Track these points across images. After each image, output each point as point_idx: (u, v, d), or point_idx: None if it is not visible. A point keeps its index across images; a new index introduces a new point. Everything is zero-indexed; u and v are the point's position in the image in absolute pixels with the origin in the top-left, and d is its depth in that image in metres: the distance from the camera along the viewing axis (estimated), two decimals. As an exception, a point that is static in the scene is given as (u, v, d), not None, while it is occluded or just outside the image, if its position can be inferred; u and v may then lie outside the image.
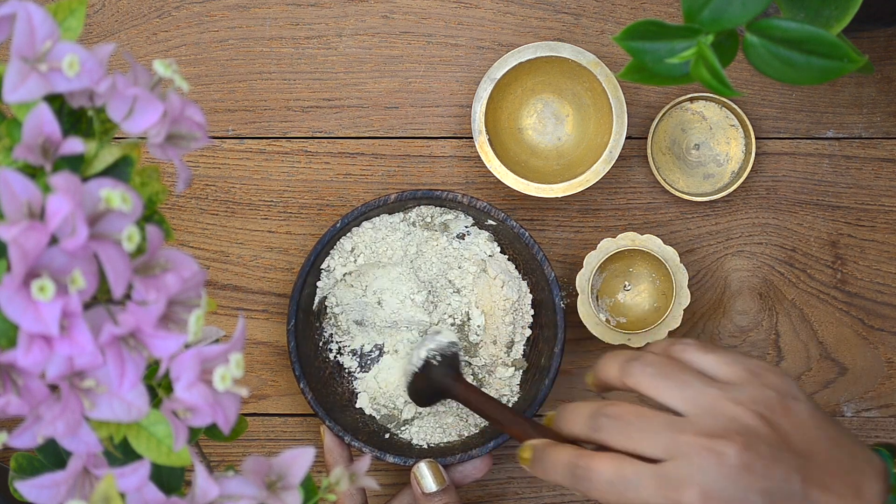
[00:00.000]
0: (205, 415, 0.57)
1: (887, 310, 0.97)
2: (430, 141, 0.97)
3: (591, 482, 0.72)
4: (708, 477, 0.69)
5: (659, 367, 0.74)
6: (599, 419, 0.73)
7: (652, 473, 0.71)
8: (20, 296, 0.52)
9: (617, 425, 0.73)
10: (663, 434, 0.71)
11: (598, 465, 0.72)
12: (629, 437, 0.72)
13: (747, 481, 0.70)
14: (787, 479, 0.70)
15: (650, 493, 0.70)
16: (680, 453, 0.70)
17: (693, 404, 0.72)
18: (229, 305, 0.97)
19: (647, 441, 0.71)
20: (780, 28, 0.67)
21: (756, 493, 0.70)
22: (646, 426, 0.72)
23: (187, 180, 0.60)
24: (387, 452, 0.91)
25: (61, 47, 0.56)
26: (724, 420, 0.71)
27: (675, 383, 0.73)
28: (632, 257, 0.95)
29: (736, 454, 0.70)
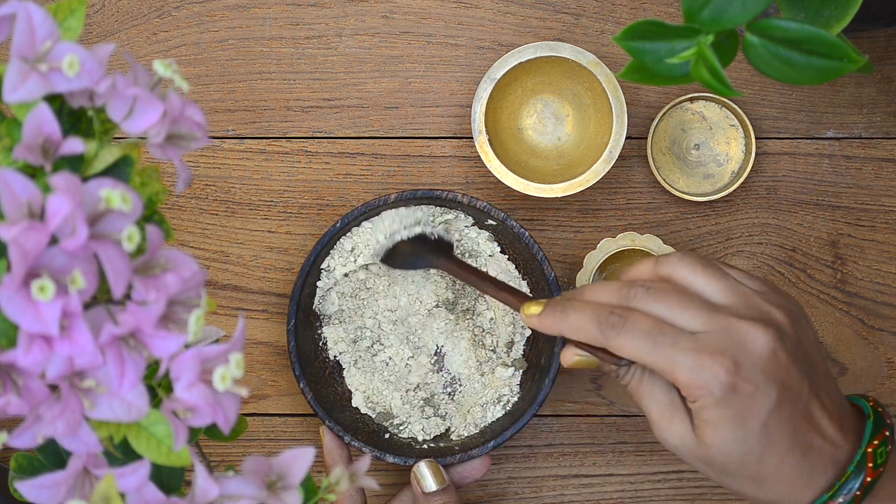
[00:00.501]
0: (205, 415, 0.57)
1: (887, 310, 0.97)
2: (430, 141, 0.97)
3: (625, 329, 0.73)
4: (741, 352, 0.72)
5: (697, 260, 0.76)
6: (635, 289, 0.75)
7: (690, 336, 0.72)
8: (20, 296, 0.52)
9: (655, 295, 0.74)
10: (702, 310, 0.73)
11: (636, 315, 0.73)
12: (668, 307, 0.73)
13: (772, 368, 0.72)
14: (801, 381, 0.74)
15: (684, 353, 0.72)
16: (717, 328, 0.73)
17: (730, 294, 0.74)
18: (229, 305, 0.97)
19: (686, 313, 0.73)
20: (780, 28, 0.67)
21: (775, 382, 0.72)
22: (685, 301, 0.74)
23: (187, 180, 0.60)
24: (387, 452, 0.91)
25: (61, 47, 0.56)
26: (758, 311, 0.74)
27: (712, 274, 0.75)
28: (632, 257, 0.95)
29: (769, 340, 0.72)
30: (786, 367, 0.73)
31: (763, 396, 0.72)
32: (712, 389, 0.72)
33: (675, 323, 0.73)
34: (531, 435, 0.97)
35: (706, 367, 0.72)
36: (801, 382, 0.73)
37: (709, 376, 0.72)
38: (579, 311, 0.75)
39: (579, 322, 0.75)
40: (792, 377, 0.73)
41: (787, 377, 0.73)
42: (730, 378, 0.72)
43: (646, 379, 0.76)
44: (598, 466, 0.97)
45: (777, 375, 0.73)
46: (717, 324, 0.73)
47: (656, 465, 0.97)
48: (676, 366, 0.72)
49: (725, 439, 0.73)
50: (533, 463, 0.97)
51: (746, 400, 0.72)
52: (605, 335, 0.74)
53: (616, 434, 0.97)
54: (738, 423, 0.72)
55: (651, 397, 0.76)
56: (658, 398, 0.75)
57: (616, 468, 0.97)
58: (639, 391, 0.76)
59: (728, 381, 0.72)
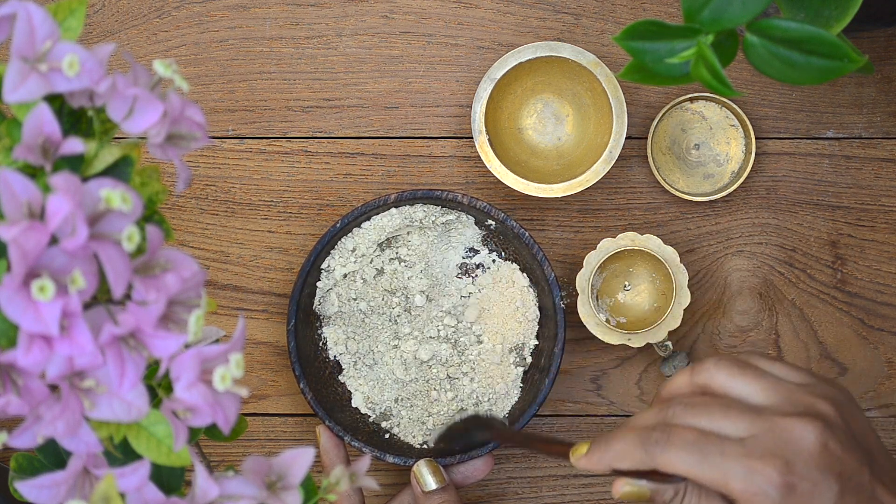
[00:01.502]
0: (205, 415, 0.57)
1: (887, 310, 0.97)
2: (430, 141, 0.97)
3: (671, 445, 0.71)
4: (791, 450, 0.70)
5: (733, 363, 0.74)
6: (674, 408, 0.73)
7: (737, 444, 0.70)
8: (20, 296, 0.52)
9: (694, 410, 0.72)
10: (745, 414, 0.71)
11: (680, 430, 0.71)
12: (710, 418, 0.71)
13: (826, 461, 0.70)
14: (860, 469, 0.71)
15: (733, 462, 0.70)
16: (763, 430, 0.70)
17: (771, 394, 0.72)
18: (229, 305, 0.97)
19: (729, 420, 0.71)
20: (780, 28, 0.67)
21: (833, 475, 0.70)
22: (726, 409, 0.72)
23: (187, 180, 0.60)
24: (386, 452, 0.91)
25: (61, 47, 0.56)
26: (802, 406, 0.72)
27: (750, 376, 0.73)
28: (632, 257, 0.95)
29: (817, 433, 0.70)
30: (840, 458, 0.70)
31: (823, 492, 0.70)
32: (770, 494, 0.69)
33: (720, 432, 0.71)
34: (531, 435, 0.97)
35: (758, 472, 0.69)
36: (859, 470, 0.71)
37: (762, 481, 0.69)
38: (622, 438, 0.73)
39: (624, 448, 0.73)
40: (848, 467, 0.71)
41: (844, 468, 0.70)
42: (784, 479, 0.69)
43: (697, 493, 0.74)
44: (598, 466, 0.97)
45: (833, 468, 0.70)
46: (762, 426, 0.70)
47: (656, 465, 0.97)
48: (728, 474, 0.70)
49: None
50: (533, 463, 0.97)
51: (807, 498, 0.70)
52: (650, 455, 0.72)
53: (616, 434, 0.97)
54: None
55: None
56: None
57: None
58: None
59: (783, 482, 0.69)
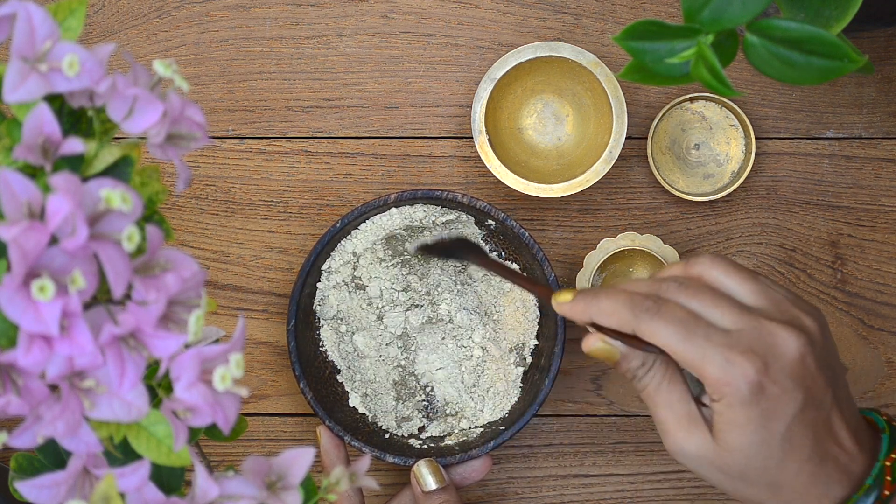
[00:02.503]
0: (205, 415, 0.57)
1: (887, 310, 0.97)
2: (430, 141, 0.97)
3: (660, 315, 0.72)
4: (772, 353, 0.72)
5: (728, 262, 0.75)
6: (667, 283, 0.74)
7: (722, 331, 0.72)
8: (20, 296, 0.52)
9: (688, 291, 0.73)
10: (734, 309, 0.73)
11: (671, 305, 0.72)
12: (701, 303, 0.73)
13: (800, 373, 0.72)
14: (825, 390, 0.73)
15: (715, 347, 0.71)
16: (749, 328, 0.72)
17: (762, 297, 0.74)
18: (229, 305, 0.97)
19: (718, 310, 0.72)
20: (780, 28, 0.67)
21: (802, 387, 0.72)
22: (717, 298, 0.73)
23: (187, 180, 0.60)
24: (386, 452, 0.91)
25: (61, 47, 0.56)
26: (789, 316, 0.73)
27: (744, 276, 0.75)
28: (632, 257, 0.95)
29: (800, 344, 0.72)
30: (812, 374, 0.72)
31: (789, 400, 0.72)
32: (740, 387, 0.71)
33: (708, 318, 0.73)
34: (531, 435, 0.97)
35: (736, 364, 0.71)
36: (825, 391, 0.73)
37: (738, 373, 0.71)
38: (612, 297, 0.74)
39: (612, 306, 0.74)
40: (817, 384, 0.72)
41: (813, 384, 0.72)
42: (758, 377, 0.71)
43: (664, 386, 0.75)
44: (598, 466, 0.97)
45: (804, 380, 0.72)
46: (749, 323, 0.72)
47: (656, 465, 0.97)
48: (706, 359, 0.71)
49: (749, 441, 0.72)
50: (533, 463, 0.97)
51: (772, 402, 0.71)
52: (637, 319, 0.73)
53: (616, 434, 0.97)
54: (763, 424, 0.72)
55: (668, 405, 0.74)
56: (676, 407, 0.74)
57: (616, 468, 0.97)
58: (656, 398, 0.75)
59: (756, 381, 0.71)
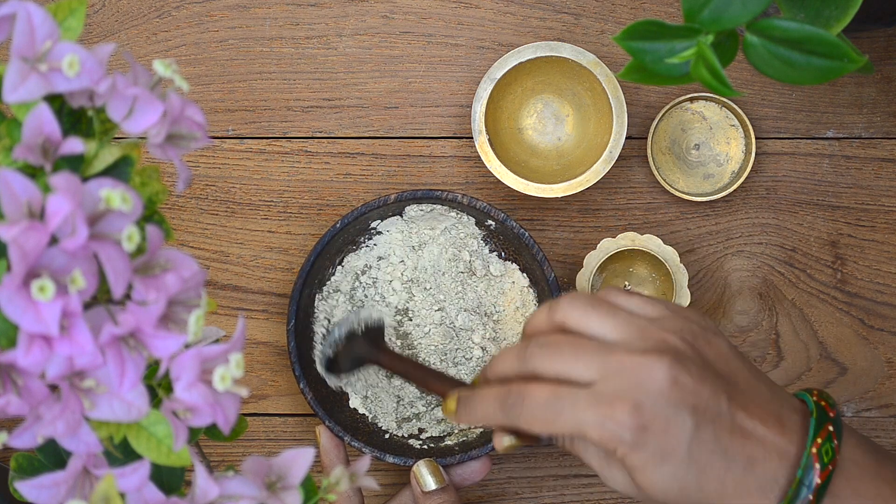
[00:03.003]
0: (205, 415, 0.57)
1: (887, 310, 0.97)
2: (430, 141, 0.97)
3: (525, 407, 0.73)
4: (639, 391, 0.71)
5: (587, 301, 0.75)
6: (530, 349, 0.74)
7: (587, 393, 0.72)
8: (20, 296, 0.52)
9: (548, 352, 0.74)
10: (595, 355, 0.73)
11: (531, 391, 0.73)
12: (562, 361, 0.73)
13: (677, 396, 0.71)
14: (715, 398, 0.72)
15: (585, 412, 0.71)
16: (612, 372, 0.72)
17: (622, 331, 0.74)
18: (229, 305, 0.97)
19: (580, 363, 0.73)
20: (780, 28, 0.67)
21: (686, 408, 0.71)
22: (577, 349, 0.73)
23: (187, 180, 0.60)
24: (386, 452, 0.91)
25: (61, 47, 0.56)
26: (653, 342, 0.73)
27: (603, 313, 0.74)
28: (632, 257, 0.95)
29: (666, 368, 0.71)
30: (693, 391, 0.71)
31: (677, 426, 0.71)
32: (623, 437, 0.71)
33: (572, 377, 0.73)
34: (531, 435, 0.97)
35: (609, 418, 0.71)
36: (716, 399, 0.72)
37: (614, 426, 0.71)
38: (482, 401, 0.75)
39: (486, 412, 0.75)
40: (703, 398, 0.72)
41: (698, 399, 0.71)
42: (635, 420, 0.71)
43: (577, 440, 0.75)
44: (598, 466, 0.97)
45: (685, 401, 0.71)
46: (611, 366, 0.72)
47: (656, 465, 0.97)
48: (582, 425, 0.71)
49: (657, 479, 0.72)
50: (533, 463, 0.97)
51: (661, 436, 0.71)
52: (510, 419, 0.74)
53: (616, 434, 0.97)
54: (662, 459, 0.71)
55: (586, 453, 0.75)
56: (591, 453, 0.75)
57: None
58: (574, 451, 0.76)
59: (635, 424, 0.71)
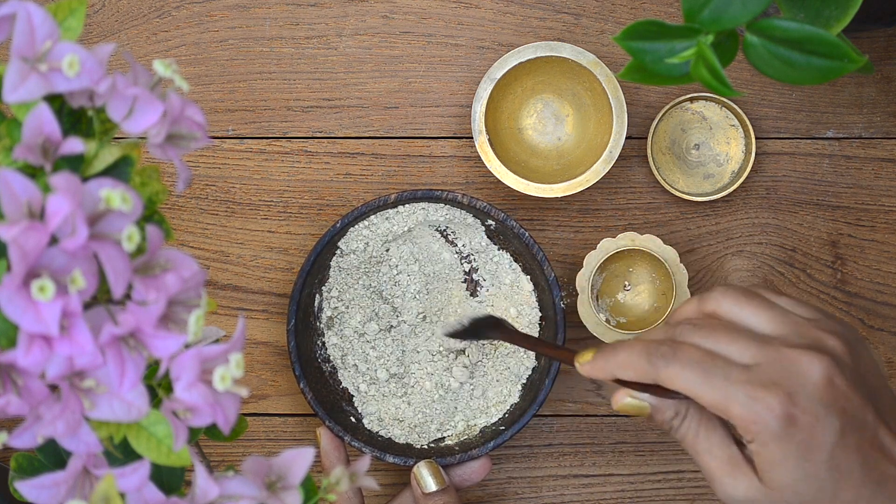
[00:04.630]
0: (205, 415, 0.57)
1: (887, 310, 0.97)
2: (430, 141, 0.97)
3: (676, 361, 0.70)
4: (795, 382, 0.69)
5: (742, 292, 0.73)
6: (682, 327, 0.72)
7: (742, 370, 0.69)
8: (20, 296, 0.52)
9: (702, 332, 0.71)
10: (752, 342, 0.70)
11: (686, 348, 0.70)
12: (717, 341, 0.71)
13: (830, 397, 0.69)
14: (864, 408, 0.70)
15: (738, 387, 0.69)
16: (769, 359, 0.70)
17: (779, 324, 0.72)
18: (229, 305, 0.97)
19: (735, 346, 0.70)
20: (780, 28, 0.67)
21: (836, 411, 0.69)
22: (734, 334, 0.71)
23: (187, 180, 0.60)
24: (386, 453, 0.91)
25: (61, 47, 0.56)
26: (810, 339, 0.71)
27: (759, 305, 0.72)
28: (632, 257, 0.95)
29: (824, 366, 0.69)
30: (845, 395, 0.69)
31: (825, 426, 0.69)
32: (769, 423, 0.68)
33: (726, 356, 0.70)
34: (531, 435, 0.97)
35: (760, 400, 0.68)
36: (864, 409, 0.70)
37: (763, 409, 0.68)
38: (629, 348, 0.72)
39: (629, 358, 0.72)
40: (853, 404, 0.70)
41: (849, 404, 0.69)
42: (786, 410, 0.68)
43: (702, 433, 0.72)
44: (598, 466, 0.97)
45: (837, 403, 0.69)
46: (769, 355, 0.70)
47: (656, 465, 0.97)
48: (730, 399, 0.69)
49: (794, 478, 0.69)
50: (533, 463, 0.97)
51: (807, 432, 0.69)
52: (655, 367, 0.71)
53: (616, 434, 0.97)
54: (803, 456, 0.69)
55: (709, 452, 0.72)
56: (717, 453, 0.72)
57: (616, 468, 0.97)
58: (695, 446, 0.73)
59: (784, 414, 0.68)
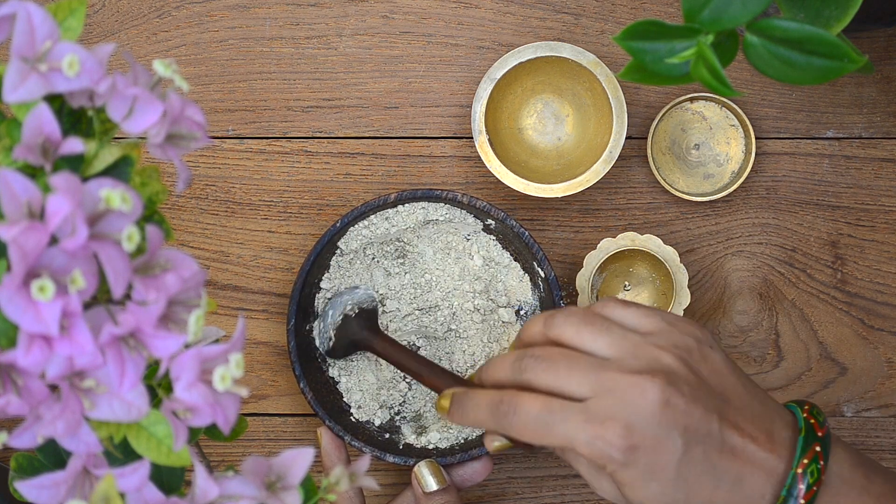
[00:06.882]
0: (205, 415, 0.57)
1: (887, 310, 0.97)
2: (430, 141, 0.97)
3: (517, 417, 0.73)
4: (631, 411, 0.72)
5: (581, 317, 0.76)
6: (525, 360, 0.75)
7: (578, 409, 0.72)
8: (20, 296, 0.52)
9: (543, 365, 0.74)
10: (588, 372, 0.73)
11: (524, 401, 0.74)
12: (556, 376, 0.74)
13: (668, 417, 0.72)
14: (706, 418, 0.72)
15: (576, 428, 0.72)
16: (604, 390, 0.72)
17: (616, 347, 0.74)
18: (229, 305, 0.97)
19: (573, 379, 0.73)
20: (780, 28, 0.67)
21: (677, 430, 0.72)
22: (571, 365, 0.74)
23: (187, 180, 0.60)
24: (387, 452, 0.91)
25: (61, 47, 0.56)
26: (646, 360, 0.73)
27: (597, 329, 0.75)
28: (632, 257, 0.95)
29: (658, 390, 0.72)
30: (684, 411, 0.72)
31: (666, 447, 0.72)
32: (613, 456, 0.71)
33: (565, 391, 0.73)
34: (531, 435, 0.97)
35: (600, 437, 0.71)
36: (707, 419, 0.72)
37: (604, 445, 0.71)
38: (475, 405, 0.76)
39: (477, 416, 0.76)
40: (694, 418, 0.72)
41: (689, 420, 0.72)
42: (625, 441, 0.71)
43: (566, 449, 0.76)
44: (598, 466, 0.97)
45: (676, 422, 0.72)
46: (604, 385, 0.72)
47: (656, 465, 0.97)
48: (573, 440, 0.72)
49: (646, 496, 0.73)
50: (533, 463, 0.97)
51: (651, 455, 0.72)
52: (501, 426, 0.75)
53: (616, 434, 0.97)
54: (651, 477, 0.72)
55: (576, 462, 0.76)
56: (581, 463, 0.75)
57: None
58: (564, 458, 0.76)
59: (624, 445, 0.71)
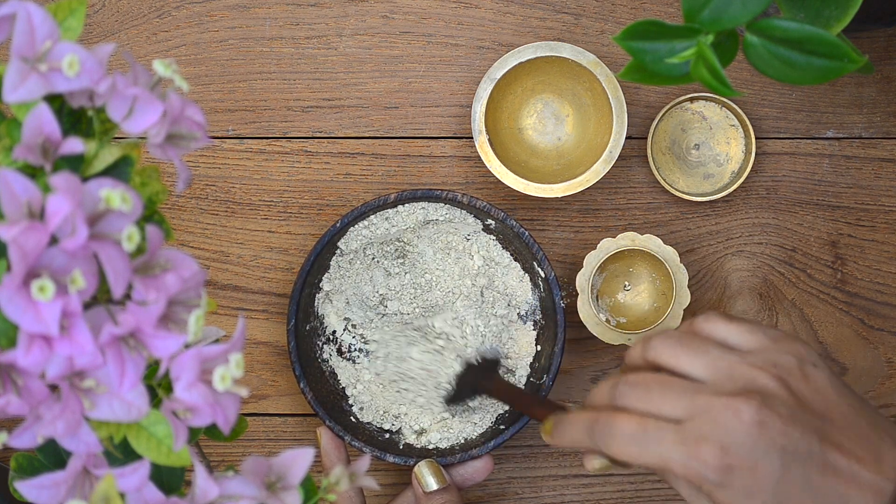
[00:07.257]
0: (205, 415, 0.57)
1: (887, 310, 0.97)
2: (430, 141, 0.97)
3: (613, 436, 0.74)
4: (726, 433, 0.71)
5: (678, 339, 0.76)
6: (619, 387, 0.75)
7: (673, 429, 0.72)
8: (20, 296, 0.52)
9: (637, 391, 0.74)
10: (683, 396, 0.73)
11: (619, 420, 0.74)
12: (649, 401, 0.74)
13: (765, 438, 0.71)
14: (806, 439, 0.72)
15: (671, 448, 0.72)
16: (699, 412, 0.72)
17: (712, 369, 0.74)
18: (229, 305, 0.97)
19: (668, 403, 0.73)
20: (780, 28, 0.67)
21: (774, 450, 0.71)
22: (665, 390, 0.74)
23: (187, 180, 0.60)
24: (387, 452, 0.91)
25: (61, 47, 0.56)
26: (742, 382, 0.73)
27: (693, 351, 0.75)
28: (632, 257, 0.95)
29: (753, 412, 0.71)
30: (782, 432, 0.71)
31: (764, 468, 0.71)
32: (709, 476, 0.71)
33: (660, 414, 0.73)
34: (531, 435, 0.97)
35: (695, 458, 0.71)
36: (807, 440, 0.72)
37: (699, 465, 0.71)
38: (574, 425, 0.77)
39: (575, 436, 0.77)
40: (793, 439, 0.71)
41: (787, 440, 0.71)
42: (721, 462, 0.71)
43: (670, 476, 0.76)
44: (598, 466, 0.97)
45: (773, 443, 0.71)
46: (699, 408, 0.72)
47: (656, 465, 0.97)
48: (667, 460, 0.72)
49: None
50: (533, 463, 0.97)
51: (748, 476, 0.71)
52: (597, 445, 0.75)
53: (616, 434, 0.97)
54: (748, 498, 0.71)
55: (676, 483, 0.75)
56: (681, 484, 0.75)
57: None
58: (666, 480, 0.76)
59: (720, 465, 0.71)
